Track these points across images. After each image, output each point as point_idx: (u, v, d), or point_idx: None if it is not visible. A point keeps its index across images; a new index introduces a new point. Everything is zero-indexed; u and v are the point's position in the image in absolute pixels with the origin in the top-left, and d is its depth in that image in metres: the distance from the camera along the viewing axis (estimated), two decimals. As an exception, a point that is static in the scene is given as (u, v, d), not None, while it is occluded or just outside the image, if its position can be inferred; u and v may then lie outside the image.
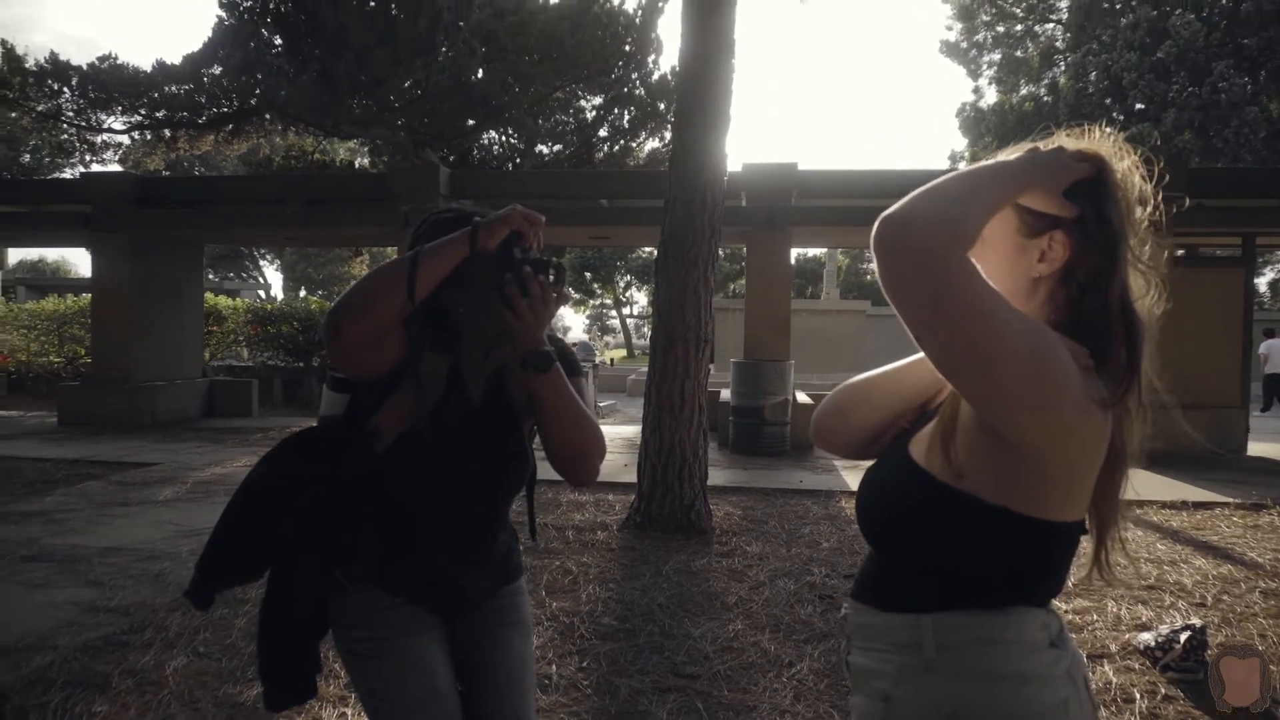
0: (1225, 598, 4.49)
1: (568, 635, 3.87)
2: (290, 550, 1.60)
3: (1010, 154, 1.08)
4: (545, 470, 1.73)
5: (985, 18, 28.03)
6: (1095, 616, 4.15)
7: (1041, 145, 1.08)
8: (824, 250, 30.72)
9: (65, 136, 16.27)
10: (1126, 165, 1.09)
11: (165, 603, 4.26)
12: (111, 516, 6.17)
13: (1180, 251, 10.94)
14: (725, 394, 10.36)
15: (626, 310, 52.11)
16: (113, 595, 4.38)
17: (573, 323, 63.08)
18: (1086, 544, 1.14)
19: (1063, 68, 26.62)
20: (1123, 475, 1.09)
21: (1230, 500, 6.98)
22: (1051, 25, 28.80)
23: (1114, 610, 4.24)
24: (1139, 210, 1.09)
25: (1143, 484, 7.79)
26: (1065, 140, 1.10)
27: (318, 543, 1.60)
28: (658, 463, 5.84)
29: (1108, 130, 1.12)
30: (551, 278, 1.53)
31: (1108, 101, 24.66)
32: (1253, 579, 4.82)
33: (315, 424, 1.68)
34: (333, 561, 1.62)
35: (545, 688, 3.31)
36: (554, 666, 3.51)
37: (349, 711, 3.06)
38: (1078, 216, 1.05)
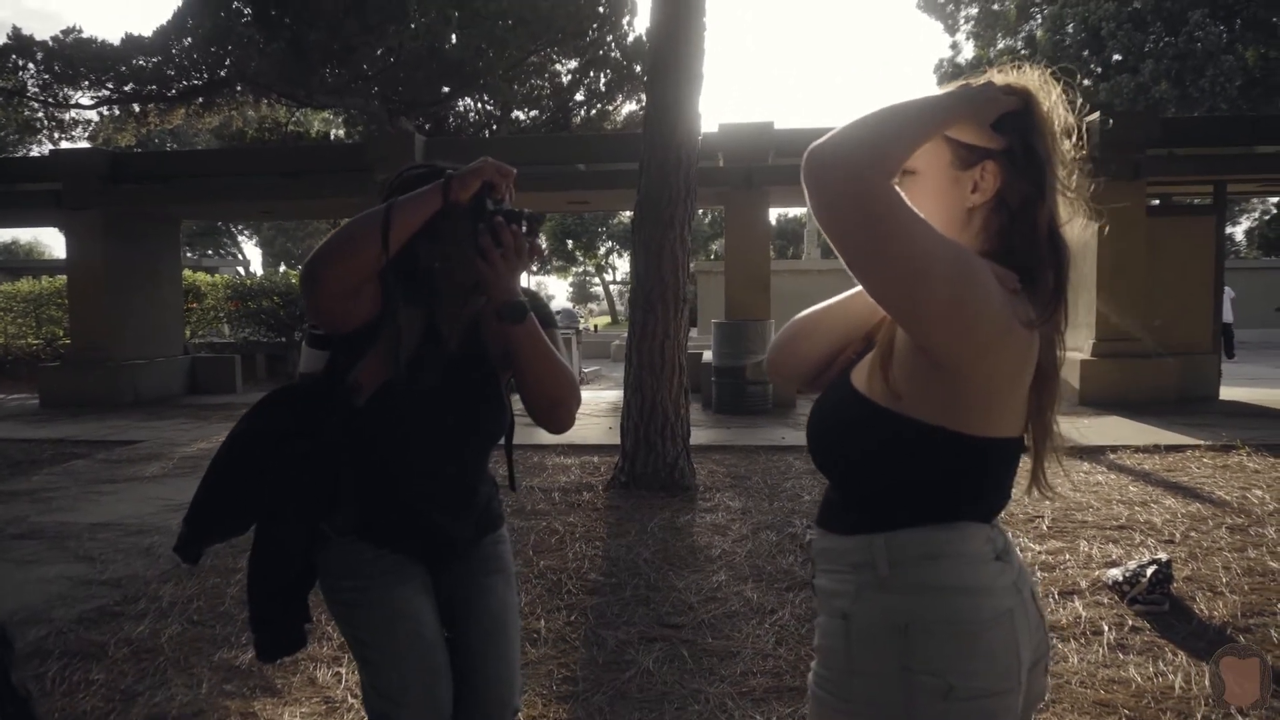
0: (1193, 534, 4.63)
1: (555, 591, 3.96)
2: (276, 504, 1.64)
3: (944, 90, 1.13)
4: (531, 434, 1.79)
5: (962, -29, 27.81)
6: (1067, 556, 4.28)
7: (972, 81, 1.13)
8: (804, 210, 30.68)
9: (30, 114, 15.98)
10: (1053, 98, 1.14)
11: (157, 574, 4.32)
12: (99, 494, 6.20)
13: (1154, 201, 11.05)
14: (708, 355, 10.43)
15: (609, 276, 52.04)
16: (104, 569, 4.43)
17: (556, 290, 63.01)
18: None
19: (1040, 20, 26.52)
20: (1052, 393, 1.15)
21: (1201, 442, 7.14)
22: (1028, -23, 28.60)
23: (1085, 549, 4.37)
24: (1065, 141, 1.14)
25: (1117, 429, 7.96)
26: (995, 76, 1.15)
27: (302, 496, 1.64)
28: (640, 422, 5.91)
29: (1036, 68, 1.16)
30: (524, 228, 1.56)
31: (1085, 53, 24.62)
32: (1219, 516, 4.96)
33: (295, 380, 1.72)
34: (317, 514, 1.66)
35: (534, 641, 3.40)
36: (542, 621, 3.60)
37: (343, 671, 3.13)
38: (1006, 148, 1.10)
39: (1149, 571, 3.61)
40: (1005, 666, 1.10)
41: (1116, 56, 23.96)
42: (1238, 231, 37.32)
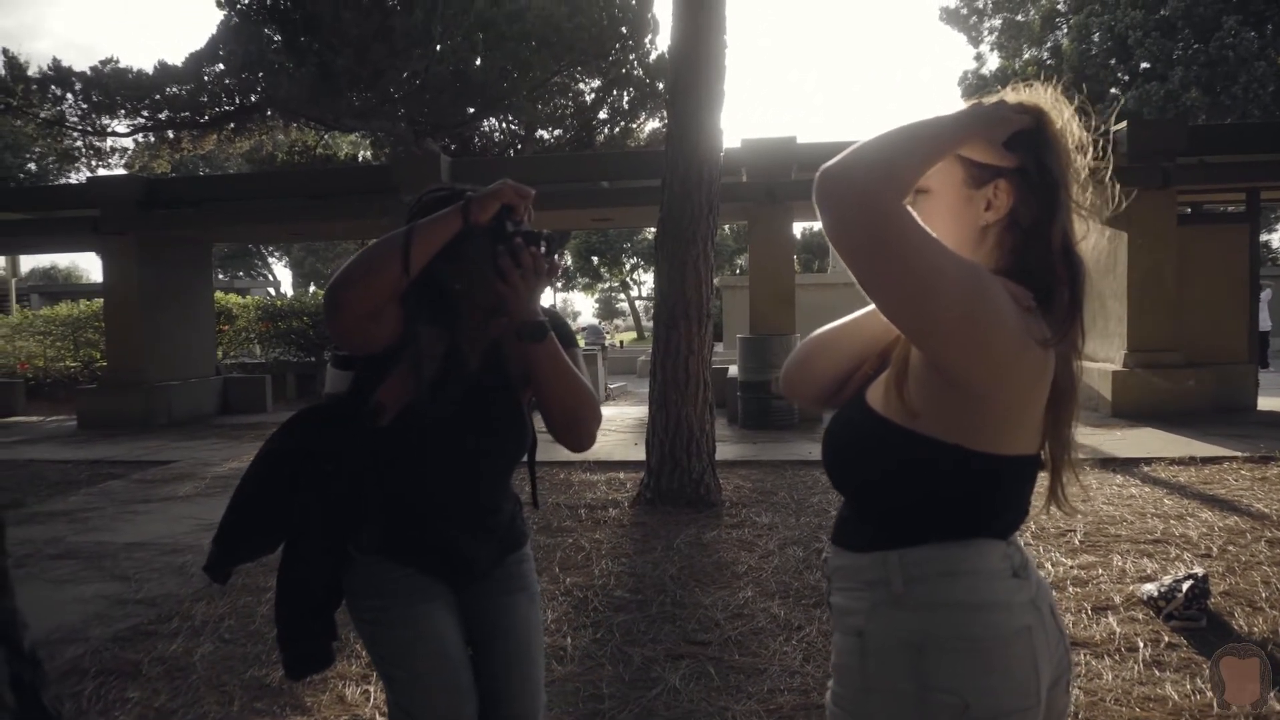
0: (1230, 548, 4.53)
1: (581, 608, 3.96)
2: (303, 523, 1.66)
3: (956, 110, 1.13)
4: (557, 451, 1.80)
5: (984, -18, 27.72)
6: (1100, 570, 4.21)
7: (984, 100, 1.14)
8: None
9: (70, 143, 16.37)
10: (1066, 115, 1.14)
11: (190, 593, 4.38)
12: (134, 513, 6.30)
13: (1186, 210, 10.90)
14: (733, 370, 10.41)
15: (634, 293, 52.10)
16: (139, 588, 4.50)
17: (581, 306, 63.18)
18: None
19: (1065, 30, 26.31)
20: (1069, 410, 1.14)
21: (1238, 454, 7.00)
22: (1052, -14, 28.43)
23: (1119, 564, 4.30)
24: (1079, 158, 1.14)
25: (1151, 441, 7.83)
26: (1007, 94, 1.15)
27: (328, 515, 1.66)
28: (665, 438, 5.91)
29: (1047, 85, 1.17)
30: (543, 248, 1.58)
31: (1112, 62, 24.38)
32: (1258, 529, 4.86)
33: (321, 402, 1.75)
34: (343, 533, 1.68)
35: (560, 658, 3.40)
36: (568, 638, 3.61)
37: (371, 689, 3.16)
38: (1019, 166, 1.11)
39: (1185, 586, 3.54)
40: (1023, 684, 1.08)
41: (1144, 65, 23.69)
42: (1274, 239, 36.64)
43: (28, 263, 40.92)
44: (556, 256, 1.62)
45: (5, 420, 12.84)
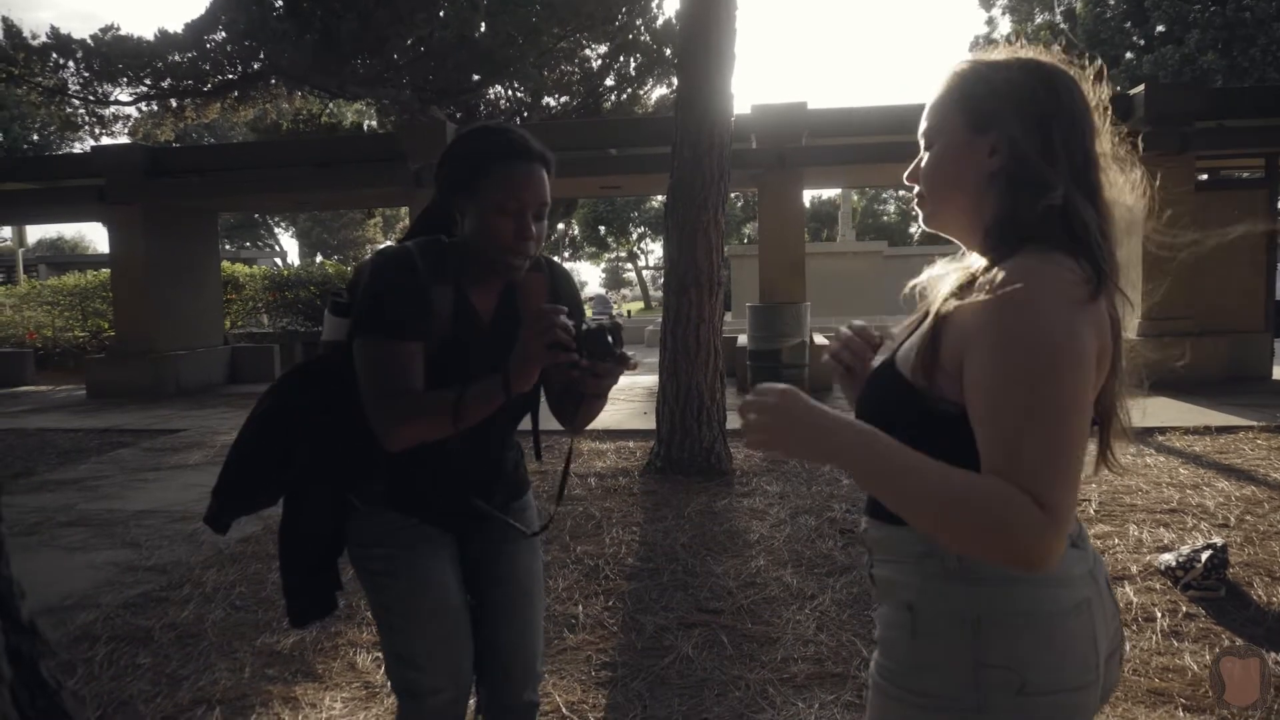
0: (1248, 518, 4.49)
1: (592, 577, 3.94)
2: (302, 476, 1.66)
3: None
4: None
5: (998, -56, 27.19)
6: (1117, 540, 4.17)
7: (987, 57, 1.14)
8: (838, 192, 30.36)
9: (72, 111, 16.24)
10: (1076, 74, 1.13)
11: (200, 560, 4.38)
12: (144, 481, 6.30)
13: (1203, 175, 10.73)
14: (742, 339, 10.34)
15: (642, 262, 51.91)
16: (150, 555, 4.50)
17: (588, 276, 63.00)
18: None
19: (1079, -9, 25.85)
20: (1117, 366, 1.09)
21: (1254, 423, 6.93)
22: (1067, -52, 27.89)
23: (1135, 534, 4.26)
24: (1095, 116, 1.11)
25: (1166, 410, 7.75)
26: (1010, 49, 1.14)
27: (330, 467, 1.66)
28: (676, 407, 5.87)
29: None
30: (612, 353, 1.48)
31: (1127, 25, 23.96)
32: (1276, 499, 4.81)
33: (311, 358, 1.72)
34: (343, 485, 1.68)
35: (572, 626, 3.39)
36: (580, 607, 3.59)
37: (383, 656, 3.14)
38: (1023, 111, 1.08)
39: (1204, 556, 3.50)
40: (1083, 659, 1.04)
41: (1160, 28, 23.27)
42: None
43: (35, 234, 41.00)
44: (623, 347, 1.51)
45: (14, 390, 12.88)
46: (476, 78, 16.96)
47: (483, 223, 1.57)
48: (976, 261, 1.13)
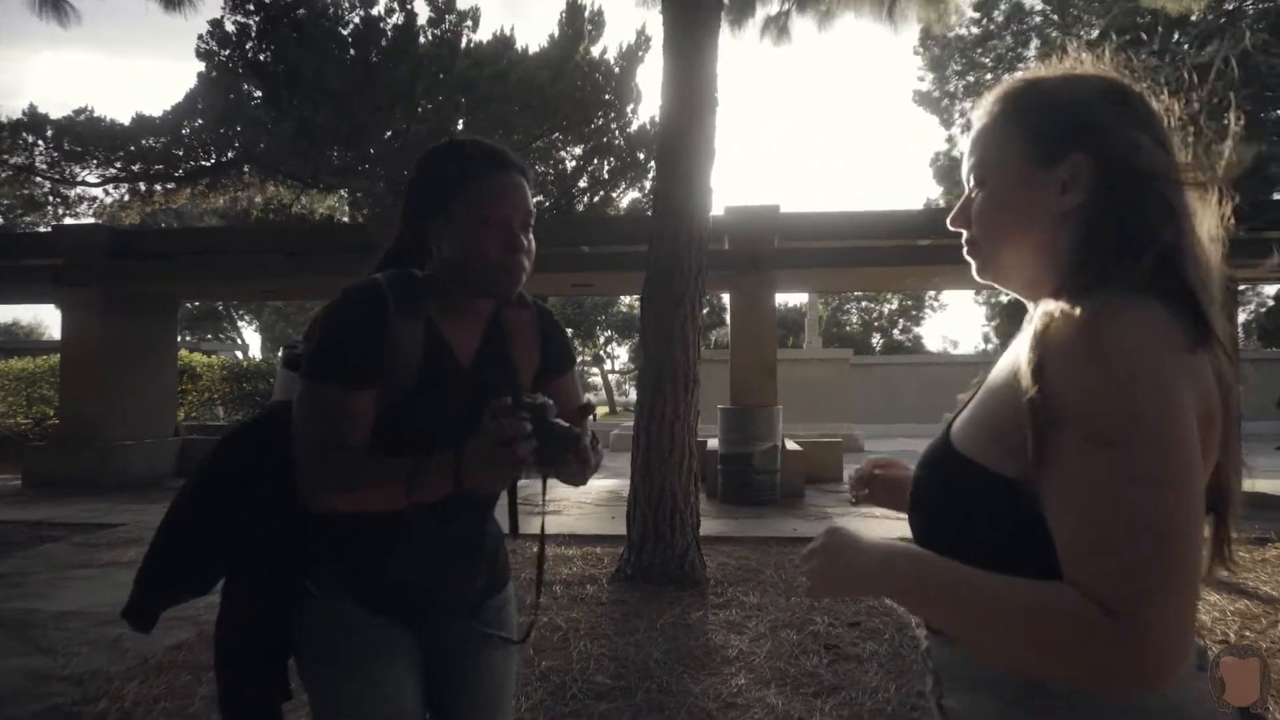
0: (1248, 633, 4.28)
1: (559, 696, 3.59)
2: (246, 554, 1.39)
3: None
4: (528, 524, 1.59)
5: (956, 68, 28.58)
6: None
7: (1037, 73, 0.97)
8: (805, 299, 30.79)
9: (37, 191, 16.01)
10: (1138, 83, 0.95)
11: (122, 670, 3.95)
12: (71, 579, 5.82)
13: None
14: (713, 443, 10.13)
15: (608, 366, 51.91)
16: (66, 663, 4.06)
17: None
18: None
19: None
20: (1231, 436, 0.88)
21: (1232, 535, 6.79)
22: (1020, 76, 29.35)
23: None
24: (1170, 123, 0.93)
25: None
26: (1049, 66, 0.97)
27: (277, 544, 1.39)
28: (648, 510, 5.59)
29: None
30: (577, 447, 1.27)
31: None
32: (1272, 613, 4.62)
33: (269, 409, 1.48)
34: (297, 565, 1.40)
35: (536, 754, 3.04)
36: (545, 730, 3.24)
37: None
38: (1096, 140, 0.89)
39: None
40: None
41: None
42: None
43: (-12, 317, 40.07)
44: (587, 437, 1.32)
45: (-52, 477, 12.19)
46: (451, 175, 17.07)
47: (465, 242, 1.36)
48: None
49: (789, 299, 41.15)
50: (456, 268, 1.39)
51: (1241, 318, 37.83)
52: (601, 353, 49.39)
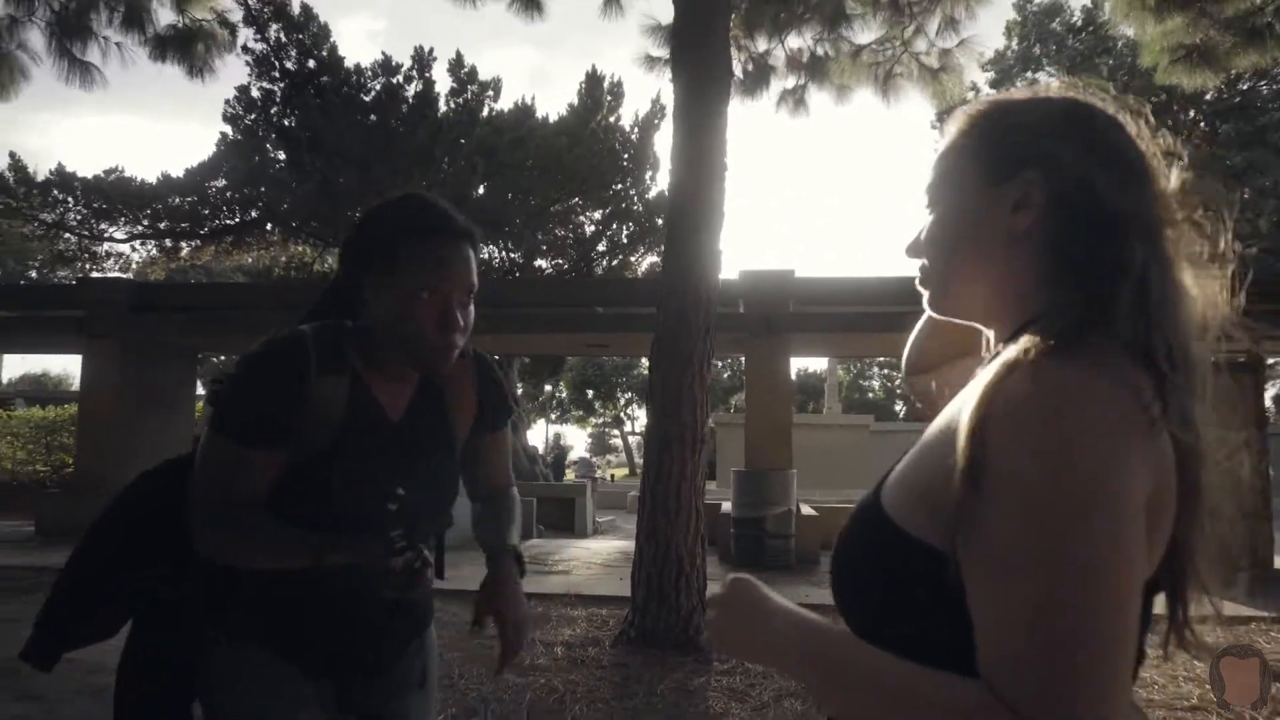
0: (1278, 718, 4.07)
1: (549, 761, 3.47)
2: (154, 600, 1.36)
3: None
4: (538, 583, 1.53)
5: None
6: (1136, 741, 3.74)
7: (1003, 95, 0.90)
8: (825, 365, 30.74)
9: (65, 247, 16.43)
10: (1127, 115, 0.87)
11: (106, 722, 3.86)
12: (68, 629, 5.75)
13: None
14: (727, 506, 10.00)
15: (628, 428, 51.88)
16: (52, 711, 4.00)
17: (574, 440, 62.80)
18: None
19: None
20: (1194, 507, 0.76)
21: (1265, 614, 6.55)
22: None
23: (1156, 734, 3.83)
24: (1156, 161, 0.84)
25: (1159, 597, 7.34)
26: (1022, 90, 0.90)
27: (188, 587, 1.35)
28: (653, 571, 5.47)
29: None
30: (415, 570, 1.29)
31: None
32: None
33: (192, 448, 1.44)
34: (204, 613, 1.36)
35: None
36: (532, 797, 3.11)
37: None
38: (1050, 157, 0.82)
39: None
40: None
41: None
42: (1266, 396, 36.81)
43: (20, 367, 40.79)
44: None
45: (-38, 524, 12.22)
46: (472, 237, 17.34)
47: (399, 311, 1.32)
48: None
49: (809, 364, 41.18)
50: (388, 332, 1.35)
51: (1271, 391, 37.22)
52: (621, 414, 49.41)
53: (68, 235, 15.82)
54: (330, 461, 1.33)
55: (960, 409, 0.75)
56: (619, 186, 17.69)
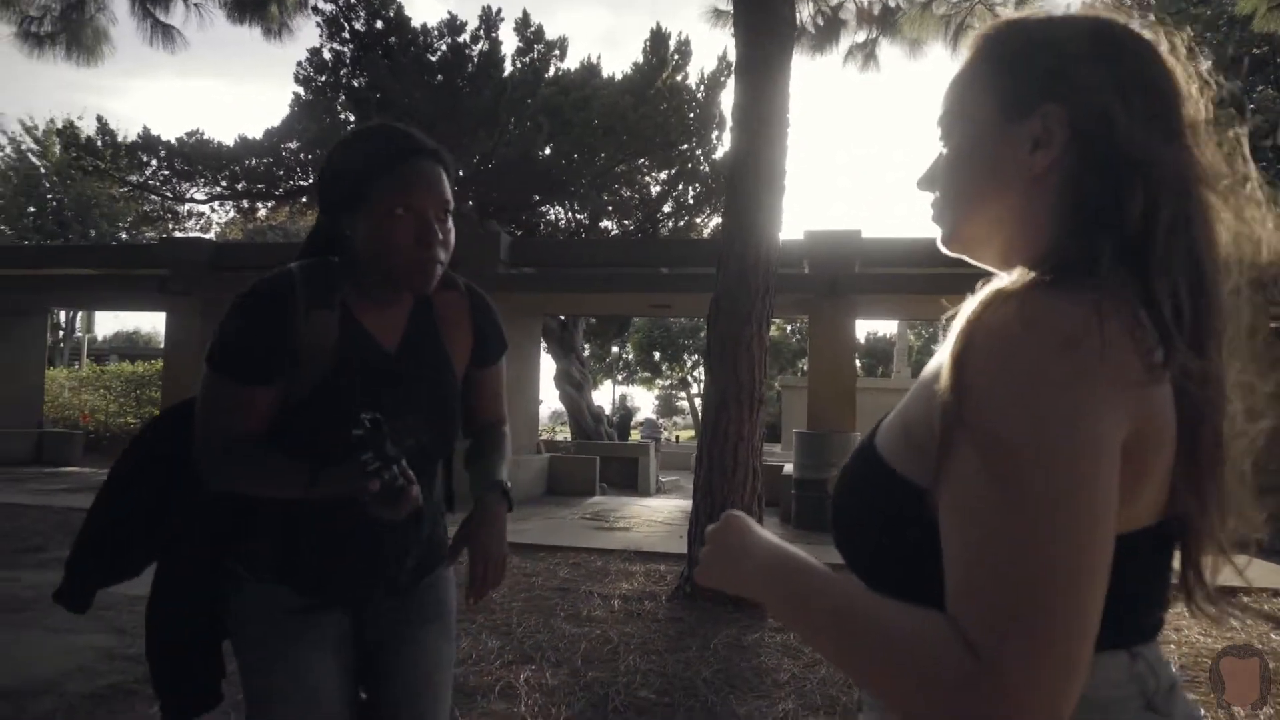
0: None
1: (599, 707, 3.54)
2: (176, 539, 1.39)
3: None
4: (595, 538, 1.55)
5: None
6: (1204, 712, 3.63)
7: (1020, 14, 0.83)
8: (894, 329, 30.19)
9: (151, 208, 17.06)
10: (1160, 39, 0.79)
11: (184, 655, 4.07)
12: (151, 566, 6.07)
13: None
14: (789, 468, 9.96)
15: (693, 390, 51.85)
16: (132, 643, 4.21)
17: (641, 401, 63.08)
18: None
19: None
20: (1209, 458, 0.72)
21: (1205, 574, 6.26)
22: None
23: (1229, 707, 3.71)
24: (1190, 91, 0.77)
25: (1252, 572, 7.07)
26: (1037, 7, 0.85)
27: (207, 529, 1.39)
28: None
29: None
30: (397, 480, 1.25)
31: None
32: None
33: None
34: (225, 548, 1.40)
35: (569, 762, 2.98)
36: (581, 740, 3.19)
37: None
38: (1072, 88, 0.75)
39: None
40: None
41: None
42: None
43: (113, 325, 42.72)
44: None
45: (60, 469, 12.95)
46: (536, 197, 17.44)
47: (378, 233, 1.33)
48: None
49: (879, 328, 40.44)
50: (370, 258, 1.36)
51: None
52: (688, 377, 49.41)
53: (152, 196, 16.41)
54: (328, 392, 1.35)
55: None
56: (685, 147, 17.49)
